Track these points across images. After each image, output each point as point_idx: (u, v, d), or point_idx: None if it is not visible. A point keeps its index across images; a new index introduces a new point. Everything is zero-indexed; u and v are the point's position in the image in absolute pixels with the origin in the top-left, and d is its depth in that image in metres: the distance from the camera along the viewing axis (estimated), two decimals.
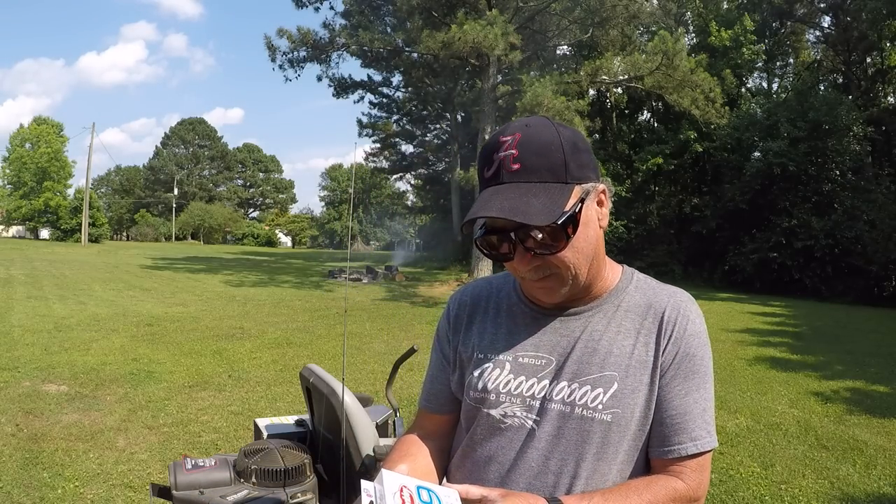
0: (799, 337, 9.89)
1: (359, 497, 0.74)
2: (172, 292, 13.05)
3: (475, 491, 0.82)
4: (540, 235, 0.85)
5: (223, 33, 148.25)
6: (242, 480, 1.77)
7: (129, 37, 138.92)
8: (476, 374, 0.98)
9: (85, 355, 6.39)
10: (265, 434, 2.23)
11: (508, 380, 0.95)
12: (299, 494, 1.76)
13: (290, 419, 2.41)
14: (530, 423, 0.93)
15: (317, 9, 19.83)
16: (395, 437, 2.36)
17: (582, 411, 0.90)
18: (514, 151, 0.85)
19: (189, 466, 1.77)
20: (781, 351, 8.38)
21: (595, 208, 0.91)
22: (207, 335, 7.97)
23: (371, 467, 1.90)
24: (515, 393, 0.94)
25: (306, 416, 2.35)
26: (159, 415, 4.51)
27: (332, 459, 1.99)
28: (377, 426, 2.15)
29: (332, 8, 28.68)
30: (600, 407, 0.90)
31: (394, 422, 2.38)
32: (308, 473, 1.85)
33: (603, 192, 0.92)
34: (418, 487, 0.76)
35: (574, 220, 0.86)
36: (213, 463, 1.82)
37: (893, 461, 4.10)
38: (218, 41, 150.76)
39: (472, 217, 0.86)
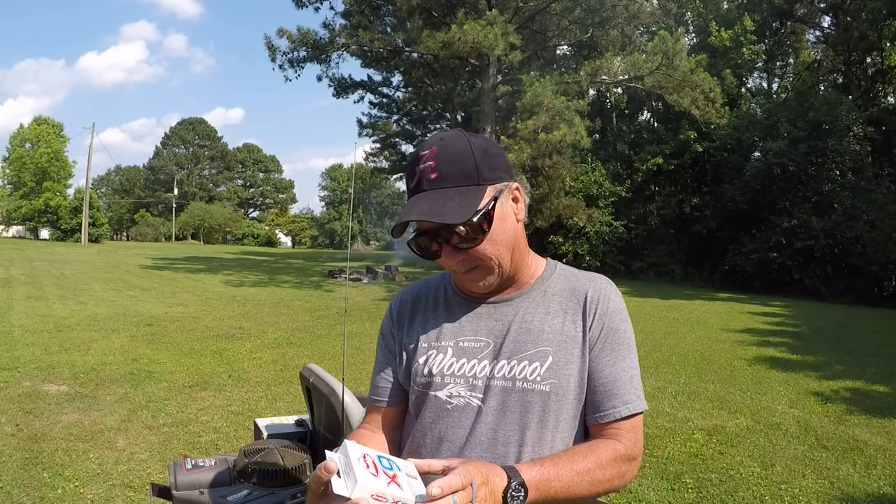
0: (799, 337, 9.89)
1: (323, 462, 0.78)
2: (172, 292, 13.04)
3: (437, 463, 0.85)
4: (463, 231, 0.96)
5: (223, 33, 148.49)
6: (242, 480, 1.77)
7: (129, 37, 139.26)
8: (421, 360, 1.06)
9: (85, 355, 6.39)
10: (265, 434, 2.23)
11: (451, 363, 1.03)
12: (299, 494, 1.76)
13: (290, 419, 2.41)
14: (476, 401, 1.01)
15: (317, 9, 19.86)
16: None
17: (522, 384, 0.99)
18: (431, 163, 0.97)
19: (189, 466, 1.77)
20: (781, 351, 8.38)
21: (510, 204, 1.02)
22: (207, 335, 7.97)
23: None
24: (459, 374, 1.02)
25: (306, 416, 2.34)
26: (159, 415, 4.51)
27: None
28: None
29: (332, 8, 28.64)
30: (539, 379, 0.99)
31: None
32: (308, 473, 1.85)
33: (517, 188, 1.03)
34: (379, 456, 0.81)
35: (488, 216, 0.97)
36: (213, 463, 1.82)
37: (893, 461, 4.10)
38: (218, 41, 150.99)
39: (397, 223, 0.98)
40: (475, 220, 0.95)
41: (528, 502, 0.87)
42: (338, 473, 0.77)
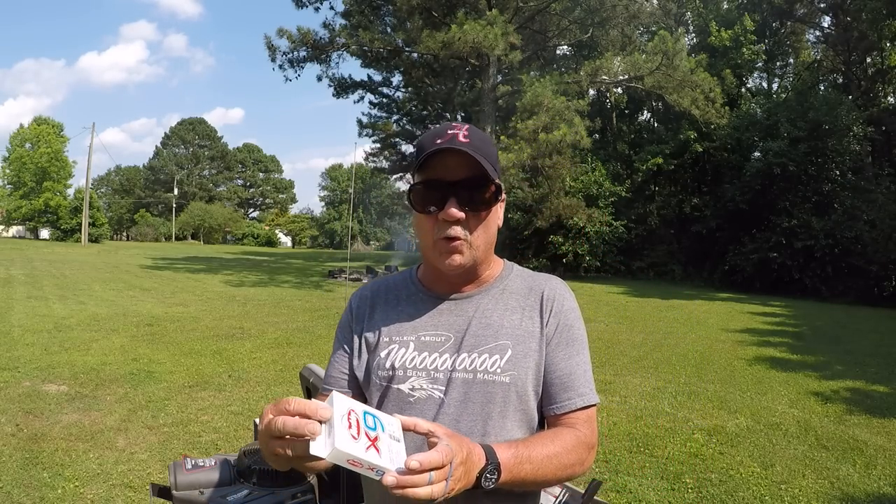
0: (799, 337, 9.89)
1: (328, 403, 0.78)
2: (172, 292, 13.04)
3: (423, 424, 0.85)
4: (484, 192, 1.01)
5: (223, 33, 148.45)
6: (242, 480, 1.77)
7: (129, 37, 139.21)
8: (383, 354, 1.08)
9: (85, 355, 6.39)
10: None
11: (413, 356, 1.06)
12: (299, 494, 1.76)
13: None
14: (438, 393, 1.03)
15: (317, 9, 19.85)
16: None
17: (484, 376, 1.02)
18: (465, 131, 1.01)
19: (189, 466, 1.77)
20: (781, 351, 8.38)
21: (500, 207, 1.08)
22: (207, 335, 7.97)
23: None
24: (421, 368, 1.05)
25: None
26: (159, 415, 4.51)
27: None
28: None
29: (332, 8, 28.66)
30: (499, 371, 1.02)
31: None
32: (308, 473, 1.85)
33: (503, 199, 1.09)
34: (364, 413, 0.79)
35: (498, 196, 1.03)
36: (213, 463, 1.82)
37: (893, 461, 4.10)
38: (218, 41, 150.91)
39: (435, 150, 0.98)
40: (497, 187, 1.02)
41: (498, 483, 0.89)
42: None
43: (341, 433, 0.73)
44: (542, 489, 1.24)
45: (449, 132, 1.01)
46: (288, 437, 0.77)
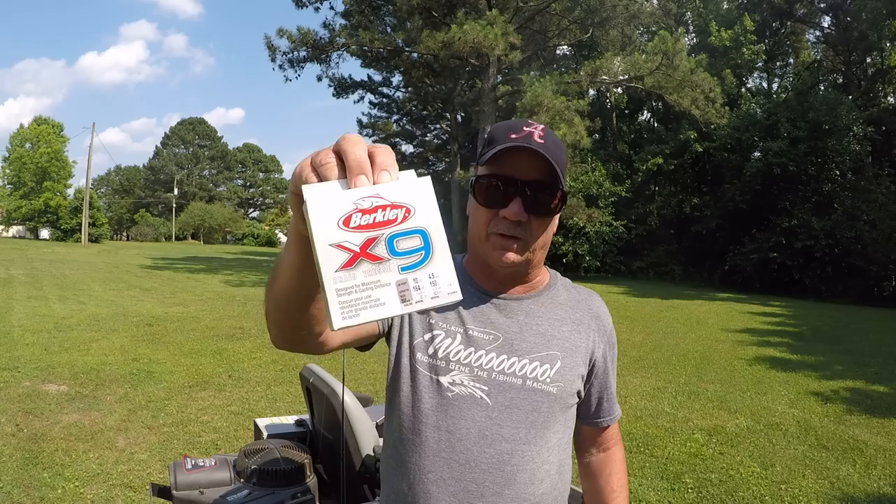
0: (799, 337, 9.89)
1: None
2: (172, 292, 13.04)
3: None
4: (551, 197, 0.97)
5: (223, 33, 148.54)
6: (242, 480, 1.77)
7: (129, 37, 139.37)
8: (426, 337, 1.03)
9: (85, 355, 6.39)
10: (265, 434, 2.23)
11: (459, 349, 1.01)
12: (299, 494, 1.76)
13: (290, 419, 2.41)
14: (480, 392, 1.00)
15: (317, 9, 19.86)
16: None
17: (533, 383, 1.01)
18: (540, 132, 0.97)
19: (189, 466, 1.77)
20: (781, 351, 8.38)
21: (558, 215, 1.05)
22: (207, 335, 7.97)
23: (371, 467, 1.90)
24: (465, 362, 1.01)
25: (306, 416, 2.35)
26: (159, 415, 4.51)
27: (332, 459, 1.99)
28: (377, 426, 2.15)
29: (332, 8, 28.77)
30: (548, 380, 1.02)
31: None
32: (308, 473, 1.85)
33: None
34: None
35: (563, 204, 1.00)
36: (213, 463, 1.82)
37: (893, 461, 4.10)
38: (218, 41, 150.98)
39: (510, 146, 0.94)
40: (562, 196, 0.99)
41: None
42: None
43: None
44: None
45: (525, 129, 0.97)
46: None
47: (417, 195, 0.53)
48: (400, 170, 0.54)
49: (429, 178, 0.55)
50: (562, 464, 1.05)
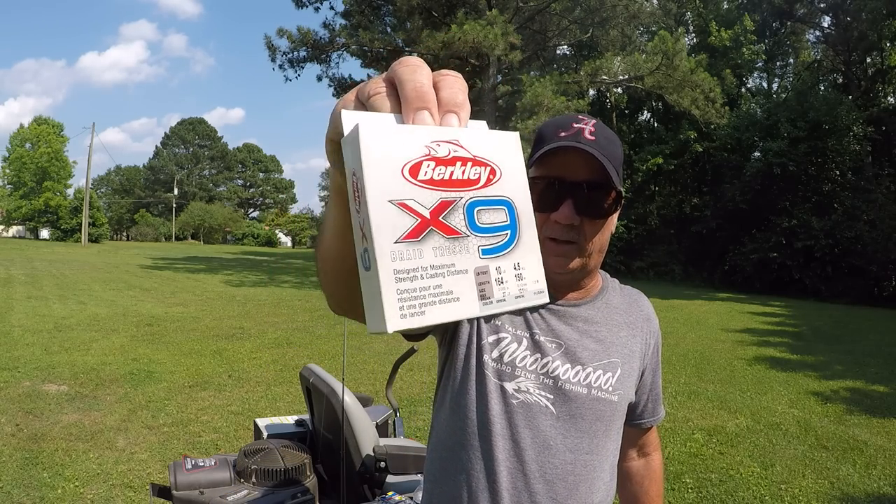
0: (799, 337, 9.89)
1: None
2: (172, 292, 13.04)
3: None
4: (604, 199, 0.93)
5: (223, 33, 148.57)
6: (242, 480, 1.77)
7: (129, 37, 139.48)
8: (492, 339, 0.98)
9: (85, 355, 6.39)
10: (265, 434, 2.23)
11: (525, 355, 0.98)
12: (299, 494, 1.76)
13: (290, 419, 2.41)
14: (545, 401, 0.97)
15: (317, 9, 19.86)
16: (395, 437, 2.36)
17: (598, 392, 0.99)
18: (591, 128, 0.93)
19: (189, 466, 1.77)
20: (781, 351, 8.38)
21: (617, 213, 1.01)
22: (207, 335, 7.97)
23: (371, 467, 1.90)
24: (531, 369, 0.97)
25: (306, 416, 2.35)
26: (159, 415, 4.51)
27: (332, 459, 1.99)
28: (377, 426, 2.15)
29: (332, 8, 28.73)
30: (610, 389, 1.00)
31: (394, 422, 2.38)
32: (308, 473, 1.85)
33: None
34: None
35: (618, 206, 0.97)
36: (213, 463, 1.82)
37: (893, 461, 4.10)
38: (218, 41, 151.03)
39: (560, 146, 0.90)
40: (617, 196, 0.94)
41: None
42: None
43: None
44: None
45: (574, 125, 0.93)
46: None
47: (503, 153, 0.39)
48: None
49: (517, 133, 0.41)
50: (613, 468, 1.04)
